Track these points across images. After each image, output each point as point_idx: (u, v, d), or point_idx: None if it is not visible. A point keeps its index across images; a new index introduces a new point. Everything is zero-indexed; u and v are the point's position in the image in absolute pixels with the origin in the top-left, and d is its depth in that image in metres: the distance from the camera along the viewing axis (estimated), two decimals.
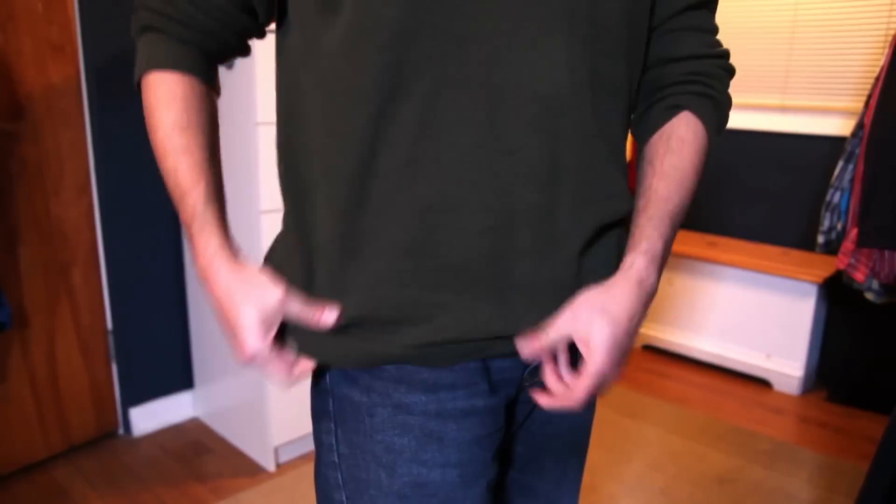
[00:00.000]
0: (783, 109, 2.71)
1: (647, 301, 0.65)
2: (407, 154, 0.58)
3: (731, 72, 0.73)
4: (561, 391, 0.64)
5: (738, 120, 2.80)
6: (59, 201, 1.92)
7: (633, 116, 0.75)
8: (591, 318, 0.62)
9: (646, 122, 0.72)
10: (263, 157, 1.75)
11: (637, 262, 0.64)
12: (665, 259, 0.67)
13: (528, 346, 0.63)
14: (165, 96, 0.64)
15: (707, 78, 0.70)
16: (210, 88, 0.68)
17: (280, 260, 0.68)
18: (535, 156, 0.60)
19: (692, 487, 1.94)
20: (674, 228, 0.67)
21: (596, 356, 0.61)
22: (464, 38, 0.56)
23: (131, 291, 2.11)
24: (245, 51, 0.71)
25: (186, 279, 2.21)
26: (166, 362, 2.23)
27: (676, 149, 0.68)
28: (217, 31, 0.65)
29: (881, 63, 2.05)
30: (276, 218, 1.81)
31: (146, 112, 0.65)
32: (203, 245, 0.63)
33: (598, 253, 0.67)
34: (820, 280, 2.38)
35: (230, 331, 0.63)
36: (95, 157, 1.97)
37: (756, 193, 2.81)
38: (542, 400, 0.66)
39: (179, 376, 2.27)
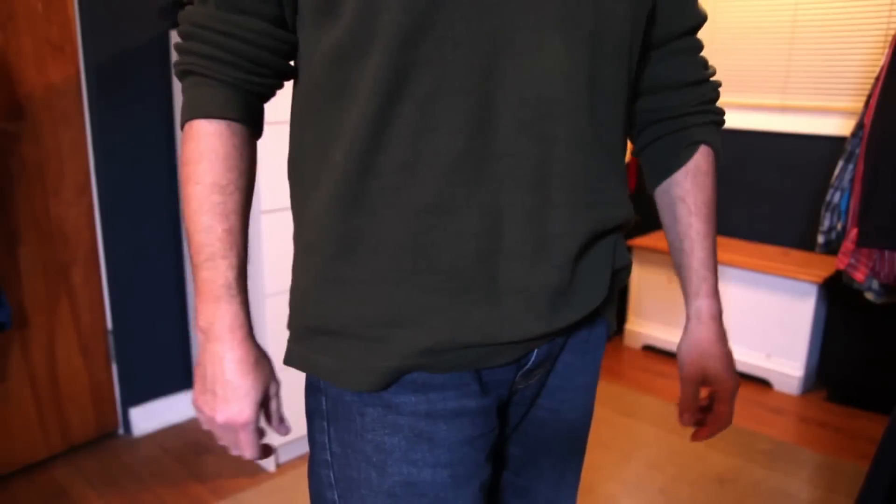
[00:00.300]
0: (783, 109, 2.70)
1: (722, 320, 0.80)
2: (404, 155, 0.58)
3: (719, 88, 0.80)
4: (712, 421, 0.82)
5: (738, 120, 2.79)
6: (59, 201, 1.92)
7: (639, 141, 0.81)
8: (704, 364, 0.80)
9: (666, 156, 0.78)
10: (264, 158, 1.76)
11: (704, 305, 0.79)
12: (718, 282, 0.81)
13: (689, 417, 0.82)
14: (208, 151, 0.62)
15: (712, 104, 0.78)
16: (252, 135, 0.67)
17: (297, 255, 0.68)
18: (526, 160, 0.60)
19: (692, 487, 1.94)
20: (716, 255, 0.80)
21: (724, 384, 0.80)
22: (462, 42, 0.56)
23: (131, 291, 2.11)
24: (290, 72, 0.67)
25: (186, 279, 2.21)
26: (166, 362, 2.23)
27: (702, 184, 0.77)
28: (263, 59, 0.63)
29: (881, 63, 2.05)
30: (276, 218, 1.81)
31: (184, 160, 0.63)
32: (223, 312, 0.63)
33: (594, 258, 0.67)
34: (820, 280, 2.38)
35: (224, 394, 0.63)
36: (95, 157, 1.98)
37: (756, 193, 2.81)
38: (701, 435, 0.82)
39: (179, 376, 2.27)
